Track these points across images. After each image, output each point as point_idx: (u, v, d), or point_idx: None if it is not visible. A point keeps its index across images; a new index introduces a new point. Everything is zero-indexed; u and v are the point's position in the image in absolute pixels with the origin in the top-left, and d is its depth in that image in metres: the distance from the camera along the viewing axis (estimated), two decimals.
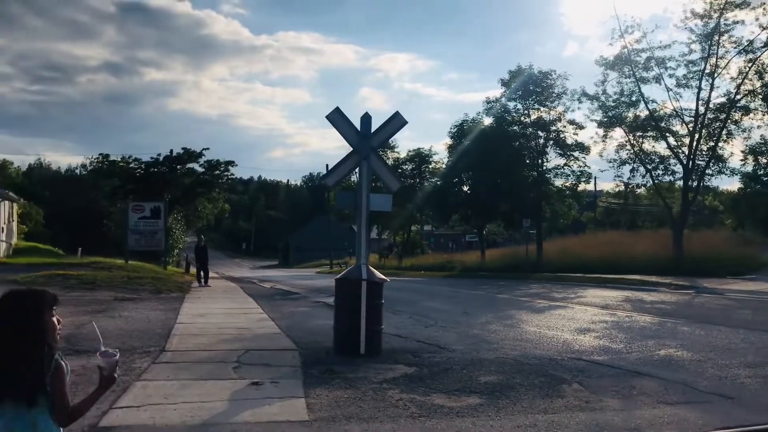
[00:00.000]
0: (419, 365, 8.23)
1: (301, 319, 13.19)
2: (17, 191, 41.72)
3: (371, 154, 9.08)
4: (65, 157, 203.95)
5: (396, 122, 9.24)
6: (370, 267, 8.98)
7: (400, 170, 53.98)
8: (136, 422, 5.43)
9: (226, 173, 44.08)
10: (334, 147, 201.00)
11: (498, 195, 38.15)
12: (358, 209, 9.01)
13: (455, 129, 42.96)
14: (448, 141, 44.21)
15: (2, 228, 29.39)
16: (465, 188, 42.82)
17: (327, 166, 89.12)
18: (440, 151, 77.15)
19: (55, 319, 2.67)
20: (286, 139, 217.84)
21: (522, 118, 37.96)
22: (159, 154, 41.72)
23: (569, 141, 37.35)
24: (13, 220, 35.11)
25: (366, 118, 9.09)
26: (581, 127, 36.84)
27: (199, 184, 43.01)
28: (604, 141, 32.33)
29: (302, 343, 9.76)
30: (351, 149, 9.17)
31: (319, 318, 13.38)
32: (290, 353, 8.90)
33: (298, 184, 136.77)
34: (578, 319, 13.27)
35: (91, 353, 8.60)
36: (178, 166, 42.29)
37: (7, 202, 31.76)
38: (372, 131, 9.11)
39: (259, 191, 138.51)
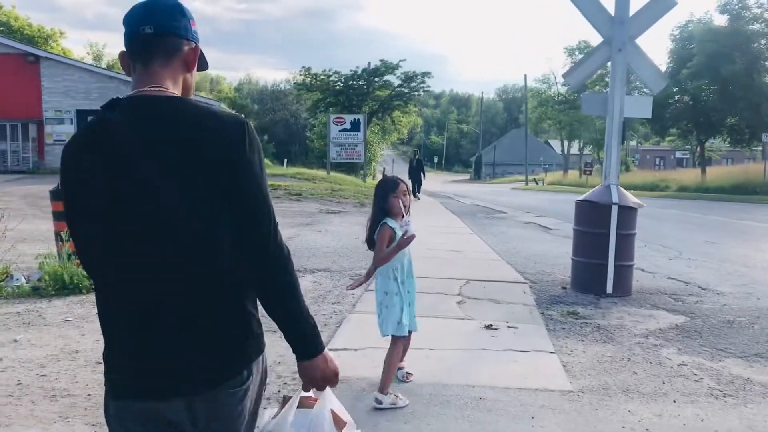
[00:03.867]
0: (687, 313, 6.52)
1: (517, 242, 11.77)
2: (230, 104, 44.06)
3: (628, 44, 7.17)
4: (270, 73, 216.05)
5: (662, 3, 7.19)
6: (622, 189, 7.25)
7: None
8: (355, 374, 4.42)
9: (422, 85, 42.90)
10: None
11: (728, 105, 33.29)
12: (609, 115, 7.23)
13: (677, 31, 37.87)
14: (666, 46, 39.25)
15: None
16: (686, 98, 37.98)
17: (525, 77, 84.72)
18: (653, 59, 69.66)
19: (398, 200, 4.10)
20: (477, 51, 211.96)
21: (766, 14, 32.27)
22: (357, 67, 41.43)
23: None
24: None
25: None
26: None
27: (395, 97, 42.37)
28: None
29: (528, 274, 8.39)
30: (601, 40, 7.32)
31: (537, 242, 11.91)
32: (518, 286, 7.56)
33: (491, 97, 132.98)
34: None
35: (299, 271, 7.93)
36: (376, 79, 41.79)
37: None
38: (630, 15, 7.17)
39: (450, 104, 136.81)
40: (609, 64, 7.38)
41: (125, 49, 1.72)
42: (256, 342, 1.73)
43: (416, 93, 43.91)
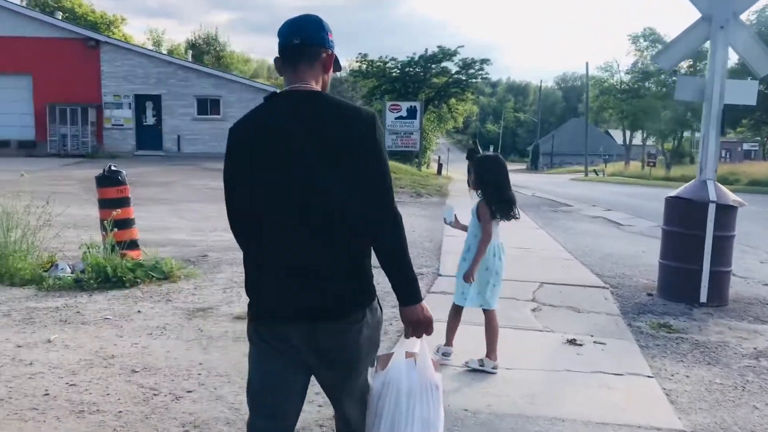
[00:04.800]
0: None
1: (588, 239, 10.94)
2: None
3: (731, 21, 6.31)
4: None
5: None
6: (720, 185, 6.42)
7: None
8: None
9: (480, 72, 41.78)
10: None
11: None
12: (707, 101, 6.40)
13: (754, 16, 35.87)
14: None
15: None
16: (761, 87, 35.92)
17: (587, 64, 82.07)
18: None
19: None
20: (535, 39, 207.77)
21: None
22: (414, 54, 40.61)
23: None
24: None
25: None
26: None
27: (452, 84, 41.40)
28: None
29: (606, 277, 7.61)
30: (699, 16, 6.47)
31: (609, 239, 11.06)
32: (598, 292, 6.81)
33: (550, 85, 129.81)
34: None
35: None
36: (433, 66, 40.90)
37: None
38: None
39: (507, 93, 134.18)
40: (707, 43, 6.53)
41: (279, 55, 2.21)
42: (369, 290, 2.17)
43: (474, 80, 42.82)
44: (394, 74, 41.27)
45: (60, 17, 31.78)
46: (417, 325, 2.14)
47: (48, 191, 10.61)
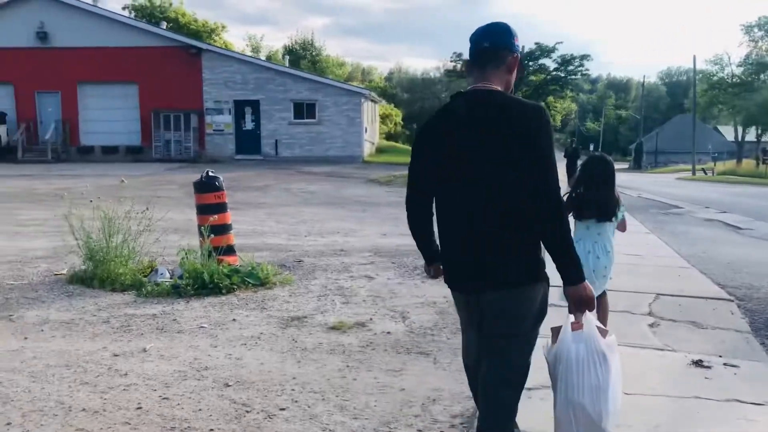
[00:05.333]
0: None
1: (705, 245, 10.10)
2: (379, 94, 44.03)
3: None
4: (420, 61, 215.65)
5: None
6: None
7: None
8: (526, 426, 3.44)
9: (579, 68, 40.48)
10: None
11: None
12: None
13: None
14: None
15: (366, 128, 30.71)
16: None
17: (694, 58, 78.10)
18: None
19: None
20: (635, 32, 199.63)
21: None
22: None
23: None
24: (375, 121, 36.91)
25: None
26: None
27: (551, 81, 40.31)
28: None
29: (730, 288, 6.91)
30: None
31: (729, 245, 10.19)
32: (722, 305, 6.17)
33: (653, 81, 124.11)
34: None
35: None
36: (530, 63, 39.97)
37: (370, 103, 33.11)
38: None
39: (607, 89, 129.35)
40: None
41: (468, 58, 2.55)
42: (536, 269, 2.46)
43: (573, 77, 41.59)
44: None
45: (164, 27, 33.17)
46: (579, 302, 2.43)
47: (150, 196, 10.93)
